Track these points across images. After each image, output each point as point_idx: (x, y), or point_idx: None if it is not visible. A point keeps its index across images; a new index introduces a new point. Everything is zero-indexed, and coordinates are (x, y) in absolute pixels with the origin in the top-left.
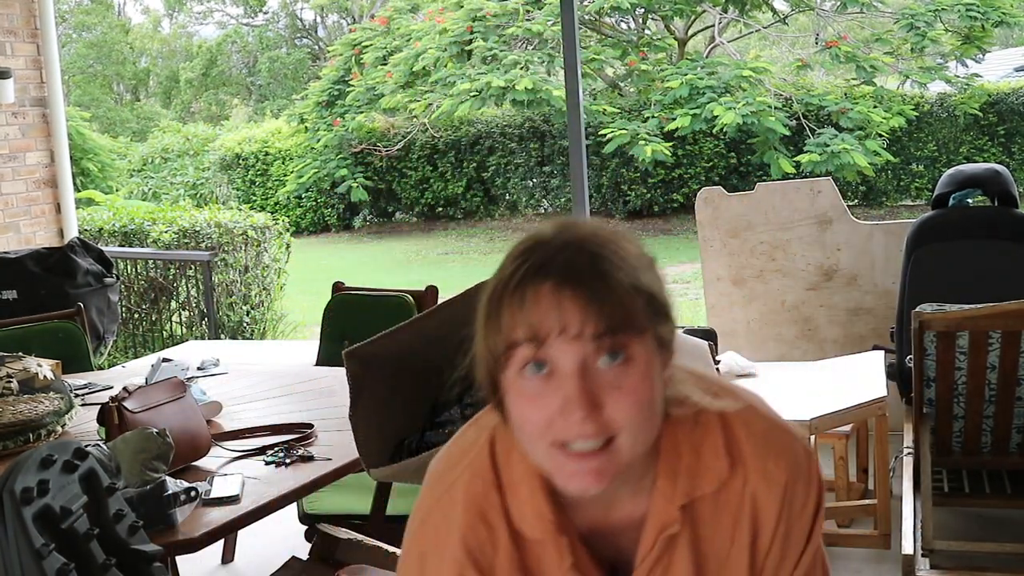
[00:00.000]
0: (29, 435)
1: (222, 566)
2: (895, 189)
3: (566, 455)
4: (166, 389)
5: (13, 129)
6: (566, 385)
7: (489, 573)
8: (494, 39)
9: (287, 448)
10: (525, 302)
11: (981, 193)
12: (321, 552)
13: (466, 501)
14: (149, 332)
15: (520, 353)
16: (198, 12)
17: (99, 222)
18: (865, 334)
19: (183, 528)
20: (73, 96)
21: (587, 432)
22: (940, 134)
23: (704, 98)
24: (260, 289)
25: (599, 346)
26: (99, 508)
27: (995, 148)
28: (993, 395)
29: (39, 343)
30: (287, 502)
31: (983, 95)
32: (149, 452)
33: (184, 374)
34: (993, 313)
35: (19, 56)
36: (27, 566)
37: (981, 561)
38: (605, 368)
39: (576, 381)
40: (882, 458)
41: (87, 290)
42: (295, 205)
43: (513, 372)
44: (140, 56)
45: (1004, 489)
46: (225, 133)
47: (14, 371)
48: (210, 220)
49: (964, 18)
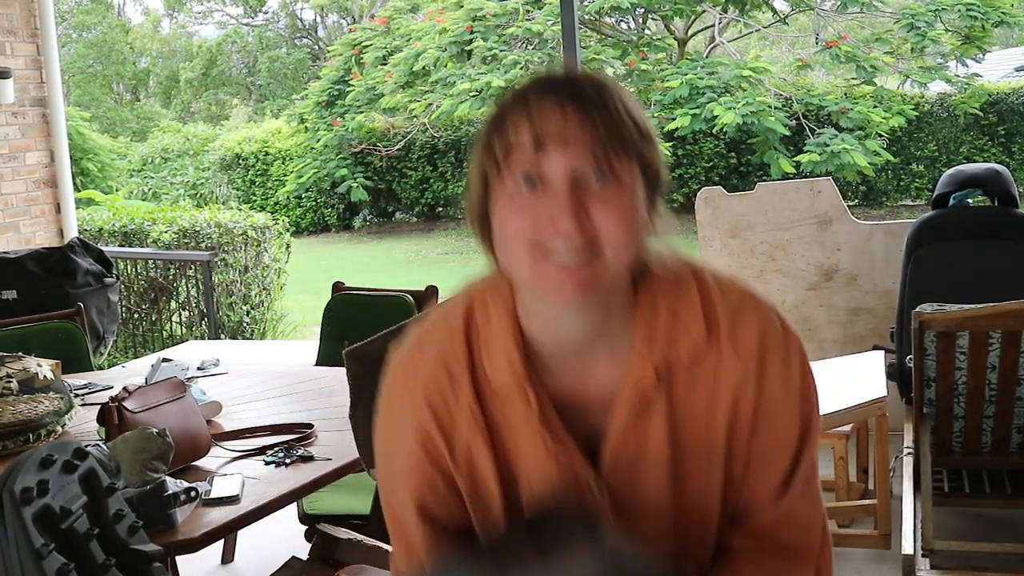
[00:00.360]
0: (29, 435)
1: (222, 566)
2: (895, 189)
3: (550, 265)
4: (166, 389)
5: (13, 129)
6: (557, 194)
7: (449, 425)
8: (494, 39)
9: (287, 448)
10: (530, 108)
11: (981, 193)
12: (321, 552)
13: (434, 354)
14: (149, 332)
15: (519, 158)
16: (198, 12)
17: (99, 222)
18: (865, 334)
19: (183, 528)
20: (73, 96)
21: (572, 234)
22: (940, 134)
23: (704, 98)
24: (260, 289)
25: (593, 160)
26: (99, 508)
27: (995, 148)
28: (993, 395)
29: (39, 343)
30: (287, 502)
31: (983, 95)
32: (149, 452)
33: (184, 374)
34: (993, 313)
35: (19, 56)
36: (27, 566)
37: (981, 561)
38: (595, 184)
39: (566, 189)
40: (882, 458)
41: (87, 290)
42: (295, 205)
43: (507, 186)
44: (140, 56)
45: (1004, 489)
46: (225, 133)
47: (14, 371)
48: (210, 220)
49: (964, 18)
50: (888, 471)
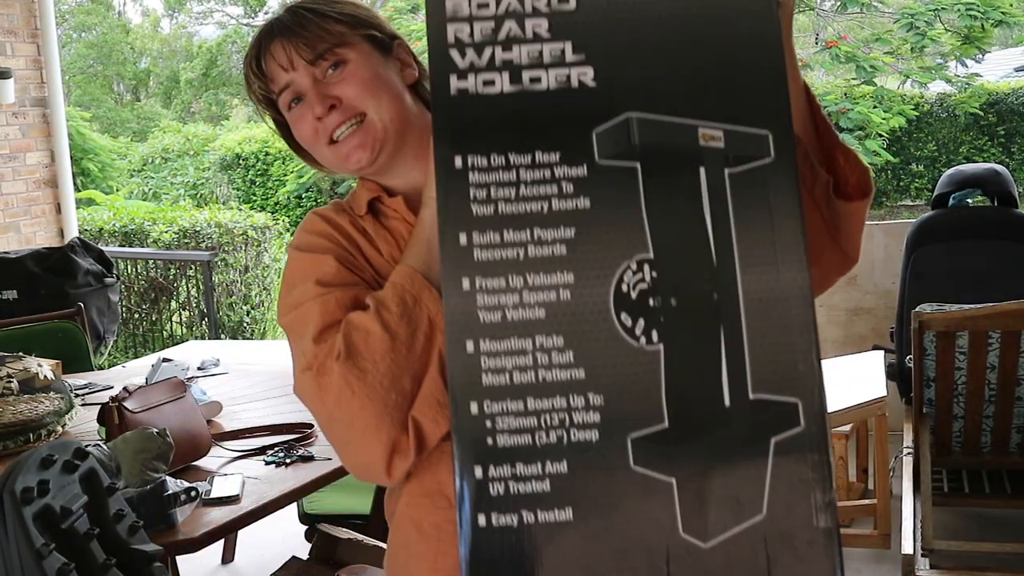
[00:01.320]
0: (29, 435)
1: (222, 566)
2: (895, 189)
3: (337, 145)
4: (166, 389)
5: (13, 129)
6: (310, 97)
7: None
8: None
9: (287, 448)
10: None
11: (981, 193)
12: (321, 552)
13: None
14: (149, 332)
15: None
16: (198, 12)
17: (99, 222)
18: (865, 334)
19: (183, 528)
20: (73, 96)
21: (335, 119)
22: (940, 134)
23: None
24: (260, 289)
25: (319, 64)
26: (99, 508)
27: (995, 148)
28: (993, 395)
29: (39, 343)
30: (287, 502)
31: (983, 95)
32: (149, 452)
33: (184, 374)
34: (993, 313)
35: (19, 56)
36: (27, 566)
37: (981, 561)
38: (332, 75)
39: (313, 91)
40: (882, 458)
41: (87, 290)
42: (295, 205)
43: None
44: (140, 56)
45: (1004, 489)
46: (225, 133)
47: (14, 371)
48: (210, 220)
49: (964, 18)
50: (888, 471)
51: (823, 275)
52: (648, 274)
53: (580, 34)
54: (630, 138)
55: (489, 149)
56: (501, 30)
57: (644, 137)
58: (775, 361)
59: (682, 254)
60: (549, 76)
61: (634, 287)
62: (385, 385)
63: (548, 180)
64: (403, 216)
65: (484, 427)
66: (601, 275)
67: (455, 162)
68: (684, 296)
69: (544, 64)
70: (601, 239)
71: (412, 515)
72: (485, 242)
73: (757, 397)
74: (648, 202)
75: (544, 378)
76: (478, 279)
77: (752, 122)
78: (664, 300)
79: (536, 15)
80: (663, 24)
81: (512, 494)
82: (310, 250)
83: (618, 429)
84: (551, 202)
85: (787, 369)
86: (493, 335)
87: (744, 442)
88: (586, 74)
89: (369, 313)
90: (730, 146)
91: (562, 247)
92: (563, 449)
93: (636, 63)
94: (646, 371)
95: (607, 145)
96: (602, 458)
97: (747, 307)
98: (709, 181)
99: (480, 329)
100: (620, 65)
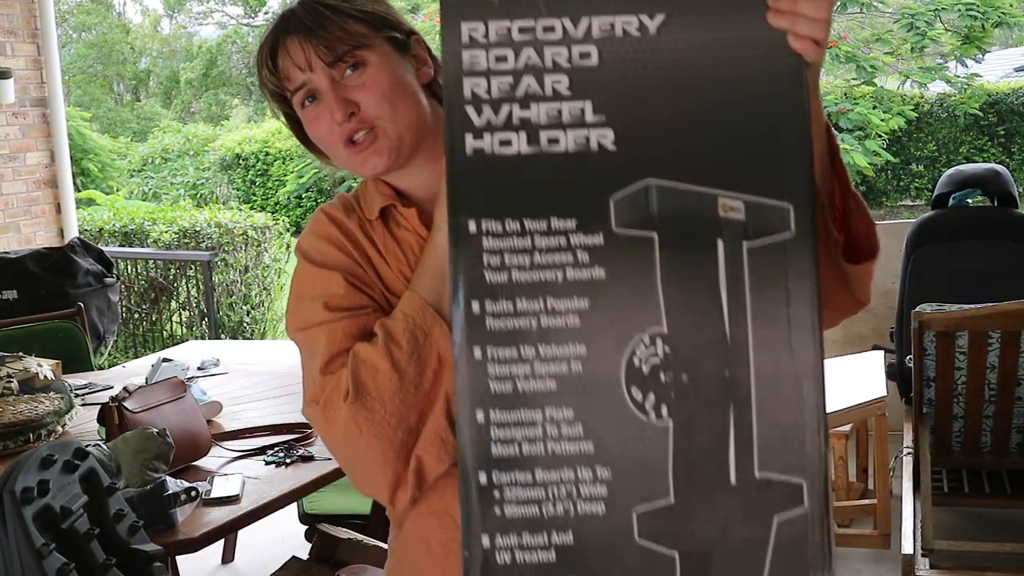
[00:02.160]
0: (29, 435)
1: (222, 566)
2: (895, 189)
3: (353, 148)
4: (166, 389)
5: (13, 129)
6: (327, 99)
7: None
8: None
9: (287, 448)
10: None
11: (981, 193)
12: (321, 552)
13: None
14: (149, 332)
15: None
16: (198, 12)
17: (99, 222)
18: (865, 334)
19: (183, 528)
20: (73, 96)
21: (352, 126)
22: (940, 134)
23: None
24: (260, 289)
25: (338, 66)
26: (99, 508)
27: (995, 148)
28: (993, 395)
29: (39, 343)
30: (287, 502)
31: (983, 95)
32: (149, 452)
33: (184, 374)
34: (993, 313)
35: (19, 56)
36: (27, 566)
37: (981, 561)
38: (350, 77)
39: (331, 94)
40: (882, 458)
41: (87, 290)
42: (295, 205)
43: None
44: (140, 56)
45: (1004, 489)
46: (225, 133)
47: (14, 371)
48: (210, 220)
49: (964, 18)
50: (888, 471)
51: (832, 316)
52: (661, 349)
53: (601, 93)
54: (648, 206)
55: (504, 214)
56: (519, 86)
57: (663, 205)
58: (783, 440)
59: (696, 330)
60: (568, 137)
61: (646, 361)
62: (392, 424)
63: (563, 248)
64: (415, 229)
65: (492, 497)
66: (613, 348)
67: (469, 227)
68: (696, 372)
69: (563, 124)
70: (615, 311)
71: (420, 533)
72: (498, 311)
73: (763, 476)
74: (664, 274)
75: (553, 450)
76: (490, 348)
77: (773, 193)
78: (676, 376)
79: (556, 71)
80: (686, 85)
81: (518, 563)
82: (319, 263)
83: (624, 502)
84: (566, 271)
85: (794, 449)
86: (503, 405)
87: (747, 520)
88: (606, 136)
89: (378, 347)
90: (750, 218)
91: (575, 318)
92: (569, 520)
93: (657, 126)
94: (654, 446)
95: (625, 213)
96: (607, 531)
97: (758, 386)
98: (727, 254)
99: (491, 399)
100: (641, 128)
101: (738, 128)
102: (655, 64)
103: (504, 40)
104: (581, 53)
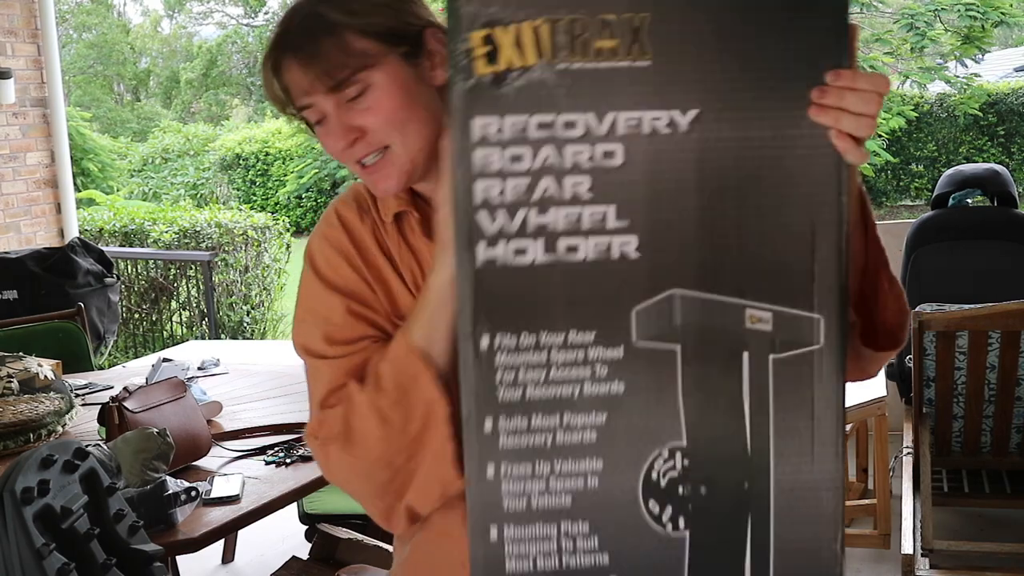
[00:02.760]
0: (29, 435)
1: (222, 566)
2: (895, 189)
3: (364, 171)
4: (166, 389)
5: (13, 129)
6: (332, 125)
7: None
8: None
9: (287, 448)
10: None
11: (981, 193)
12: (321, 552)
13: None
14: (149, 332)
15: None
16: (198, 12)
17: (99, 222)
18: None
19: (183, 528)
20: (73, 96)
21: (359, 152)
22: (940, 134)
23: None
24: (260, 289)
25: (341, 91)
26: (99, 508)
27: (995, 148)
28: (993, 395)
29: (39, 343)
30: (287, 502)
31: (983, 95)
32: (149, 452)
33: (184, 374)
34: (993, 313)
35: (19, 56)
36: (27, 566)
37: (981, 561)
38: (357, 100)
39: (336, 120)
40: (882, 458)
41: (87, 290)
42: (295, 205)
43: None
44: (140, 56)
45: (1004, 489)
46: (225, 133)
47: (14, 371)
48: (210, 220)
49: (964, 18)
50: (888, 471)
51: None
52: (680, 462)
53: (625, 196)
54: (672, 318)
55: (518, 328)
56: (536, 189)
57: (687, 317)
58: (799, 552)
59: (716, 443)
60: (588, 245)
61: (664, 474)
62: (379, 467)
63: (581, 363)
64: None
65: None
66: (631, 462)
67: (482, 342)
68: (715, 485)
69: (583, 231)
70: (633, 426)
71: (429, 550)
72: (512, 428)
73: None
74: (685, 388)
75: (568, 564)
76: (504, 465)
77: (804, 305)
78: (694, 488)
79: (577, 172)
80: (716, 188)
81: None
82: (324, 279)
83: None
84: (583, 386)
85: (810, 560)
86: (518, 521)
87: None
88: (628, 244)
89: (367, 393)
90: (778, 330)
91: (592, 433)
92: None
93: (684, 232)
94: (670, 557)
95: (646, 325)
96: None
97: (777, 498)
98: (752, 367)
99: (504, 516)
100: (666, 234)
101: (770, 235)
102: (683, 165)
103: (520, 137)
104: (605, 152)
